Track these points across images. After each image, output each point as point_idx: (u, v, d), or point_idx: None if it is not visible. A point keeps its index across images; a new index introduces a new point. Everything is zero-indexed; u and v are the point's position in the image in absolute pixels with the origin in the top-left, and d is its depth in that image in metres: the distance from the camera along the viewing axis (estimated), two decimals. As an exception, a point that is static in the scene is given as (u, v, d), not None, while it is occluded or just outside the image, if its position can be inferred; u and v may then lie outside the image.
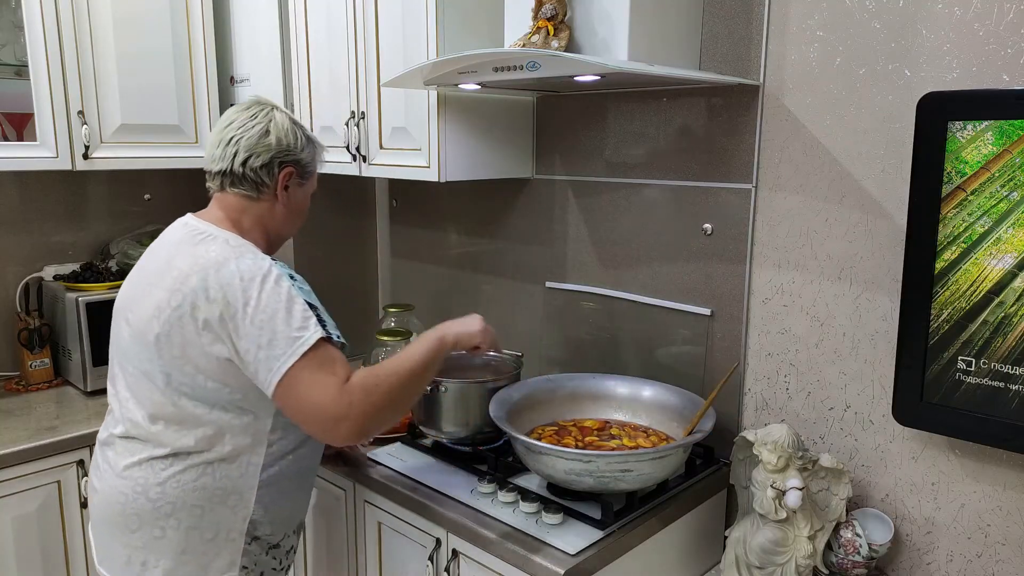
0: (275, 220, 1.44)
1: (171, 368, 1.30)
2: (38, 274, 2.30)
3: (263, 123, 1.39)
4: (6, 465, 1.79)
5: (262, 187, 1.40)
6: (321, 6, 2.03)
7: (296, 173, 1.43)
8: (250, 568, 1.39)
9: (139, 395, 1.36)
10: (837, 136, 1.51)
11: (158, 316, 1.30)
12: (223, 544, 1.36)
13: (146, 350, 1.32)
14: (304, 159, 1.44)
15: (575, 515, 1.44)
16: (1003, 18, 1.30)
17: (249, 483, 1.36)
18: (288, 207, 1.45)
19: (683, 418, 1.62)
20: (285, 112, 1.45)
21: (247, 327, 1.24)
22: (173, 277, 1.30)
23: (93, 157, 2.10)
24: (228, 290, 1.26)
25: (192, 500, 1.33)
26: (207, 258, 1.30)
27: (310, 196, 1.52)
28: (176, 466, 1.33)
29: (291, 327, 1.24)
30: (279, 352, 1.23)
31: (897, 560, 1.54)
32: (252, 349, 1.25)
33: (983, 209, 1.26)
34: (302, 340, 1.24)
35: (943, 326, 1.33)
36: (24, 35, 1.96)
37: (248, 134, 1.38)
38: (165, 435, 1.33)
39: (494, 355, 1.81)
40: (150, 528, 1.33)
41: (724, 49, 1.64)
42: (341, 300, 2.44)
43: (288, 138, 1.41)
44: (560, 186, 2.01)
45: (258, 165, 1.38)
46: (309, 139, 1.46)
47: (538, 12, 1.49)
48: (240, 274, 1.27)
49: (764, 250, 1.65)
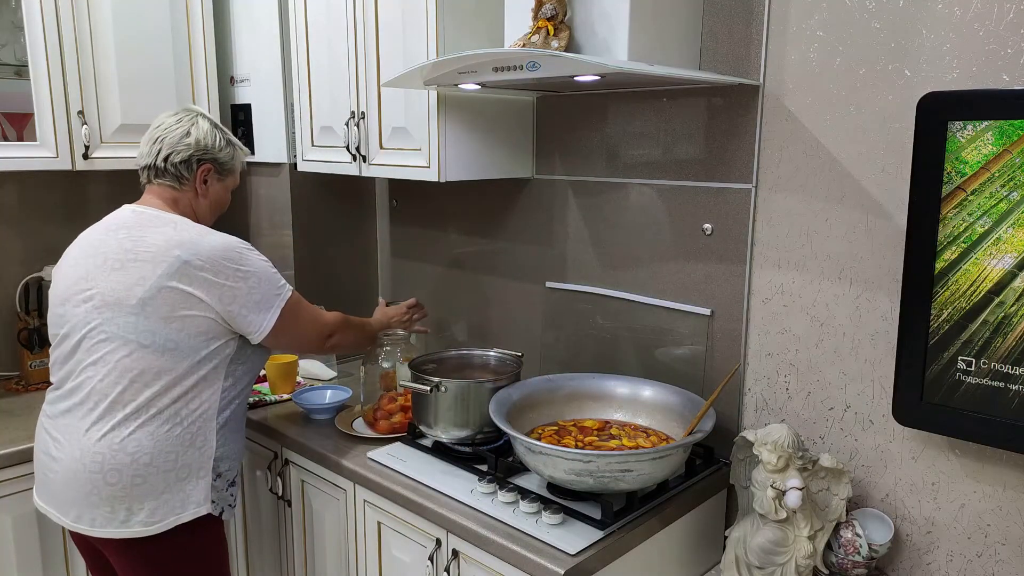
0: (200, 210, 1.67)
1: (155, 327, 1.48)
2: (38, 274, 2.30)
3: (186, 126, 1.62)
4: (6, 465, 1.79)
5: (183, 180, 1.63)
6: (321, 6, 2.03)
7: (214, 170, 1.66)
8: (217, 502, 1.57)
9: (107, 361, 1.49)
10: (837, 136, 1.51)
11: (142, 283, 1.47)
12: (195, 481, 1.54)
13: (122, 316, 1.48)
14: (222, 158, 1.67)
15: (575, 515, 1.44)
16: (1003, 18, 1.30)
17: (210, 425, 1.55)
18: (208, 199, 1.68)
19: (683, 418, 1.62)
20: (209, 119, 1.68)
21: (242, 289, 1.52)
22: (152, 252, 1.49)
23: (93, 157, 2.10)
24: (212, 260, 1.50)
25: (166, 447, 1.50)
26: (184, 236, 1.51)
27: (230, 191, 1.74)
28: (149, 420, 1.49)
29: (274, 284, 1.58)
30: (268, 305, 1.56)
31: (897, 560, 1.54)
32: (247, 307, 1.53)
33: (983, 209, 1.26)
34: (282, 294, 1.58)
35: (943, 326, 1.33)
36: (24, 35, 1.96)
37: (171, 135, 1.61)
38: (138, 393, 1.48)
39: (495, 354, 1.87)
40: (131, 478, 1.48)
41: (724, 49, 1.64)
42: (341, 300, 2.44)
43: (207, 139, 1.64)
44: (560, 186, 2.01)
45: (178, 160, 1.61)
46: (229, 142, 1.69)
47: (538, 12, 1.49)
48: (222, 247, 1.52)
49: (764, 250, 1.65)
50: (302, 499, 1.91)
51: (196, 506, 1.53)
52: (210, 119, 1.67)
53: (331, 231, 2.47)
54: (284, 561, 2.01)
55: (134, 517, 1.49)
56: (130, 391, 1.47)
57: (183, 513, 1.52)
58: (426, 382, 1.66)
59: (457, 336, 2.37)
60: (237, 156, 1.72)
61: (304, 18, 2.09)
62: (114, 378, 1.48)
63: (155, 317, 1.47)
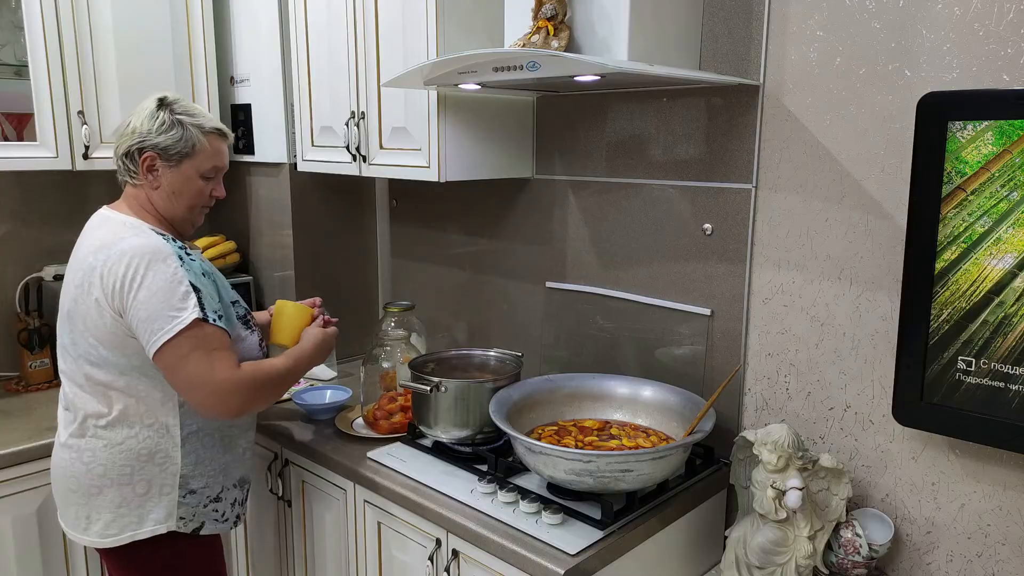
0: (158, 203, 1.52)
1: (79, 339, 1.44)
2: (38, 274, 2.30)
3: (131, 116, 1.51)
4: (6, 465, 1.79)
5: (132, 173, 1.51)
6: (321, 6, 2.03)
7: (159, 157, 1.49)
8: (188, 519, 1.51)
9: (66, 369, 1.50)
10: (837, 136, 1.51)
11: (67, 293, 1.47)
12: (157, 498, 1.49)
13: (63, 325, 1.48)
14: (163, 143, 1.48)
15: (575, 515, 1.44)
16: (1003, 18, 1.30)
17: (172, 441, 1.48)
18: (164, 190, 1.51)
19: (683, 418, 1.62)
20: (169, 100, 1.50)
21: (131, 302, 1.37)
22: (78, 258, 1.47)
23: (93, 157, 2.10)
24: (116, 267, 1.38)
25: (121, 461, 1.46)
26: (102, 239, 1.44)
27: (196, 179, 1.53)
28: (101, 431, 1.46)
29: (170, 305, 1.37)
30: (157, 327, 1.36)
31: (897, 560, 1.54)
32: (134, 323, 1.38)
33: (983, 209, 1.26)
34: (179, 320, 1.37)
35: (943, 326, 1.33)
36: (24, 35, 1.96)
37: (121, 128, 1.53)
38: (86, 403, 1.47)
39: (495, 354, 1.87)
40: (87, 488, 1.48)
41: (724, 49, 1.64)
42: (341, 300, 2.44)
43: (144, 125, 1.48)
44: (560, 186, 2.01)
45: (122, 153, 1.51)
46: (176, 123, 1.49)
47: (538, 12, 1.49)
48: (128, 252, 1.39)
49: (764, 250, 1.65)
50: (302, 499, 1.91)
51: (155, 524, 1.48)
52: (165, 100, 1.50)
53: (331, 231, 2.47)
54: (284, 561, 2.01)
55: (92, 527, 1.49)
56: (81, 399, 1.47)
57: (139, 530, 1.48)
58: (426, 382, 1.66)
59: (457, 336, 2.37)
60: (190, 137, 1.49)
61: (304, 18, 2.09)
62: (70, 386, 1.49)
63: (79, 328, 1.43)
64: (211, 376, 1.39)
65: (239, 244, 2.51)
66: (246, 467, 1.65)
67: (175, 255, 1.41)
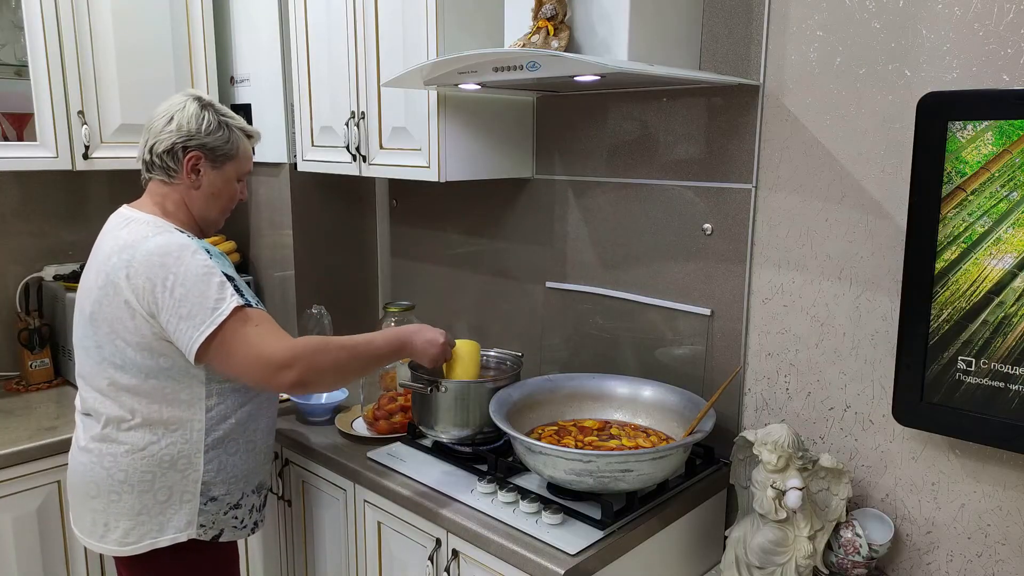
0: (195, 203, 1.51)
1: (103, 342, 1.40)
2: (38, 274, 2.30)
3: (171, 112, 1.47)
4: (6, 465, 1.79)
5: (171, 172, 1.48)
6: (321, 6, 2.03)
7: (204, 157, 1.49)
8: (208, 526, 1.49)
9: (87, 373, 1.46)
10: (837, 136, 1.51)
11: (89, 296, 1.42)
12: (178, 505, 1.45)
13: (85, 328, 1.44)
14: (211, 143, 1.48)
15: (575, 515, 1.44)
16: (1003, 18, 1.30)
17: (195, 448, 1.44)
18: (204, 190, 1.51)
19: (683, 418, 1.62)
20: (202, 100, 1.50)
21: (167, 300, 1.34)
22: (99, 260, 1.43)
23: (93, 157, 2.10)
24: (146, 267, 1.35)
25: (142, 467, 1.43)
26: (127, 239, 1.40)
27: (236, 180, 1.56)
28: (123, 436, 1.43)
29: (209, 297, 1.34)
30: (199, 321, 1.33)
31: (897, 560, 1.54)
32: (173, 321, 1.34)
33: (983, 209, 1.26)
34: (220, 310, 1.34)
35: (943, 326, 1.33)
36: (24, 35, 1.96)
37: (156, 124, 1.47)
38: (108, 408, 1.43)
39: (495, 354, 1.85)
40: (107, 494, 1.44)
41: (724, 49, 1.64)
42: (341, 300, 2.44)
43: (191, 124, 1.46)
44: (560, 186, 2.01)
45: (161, 151, 1.46)
46: (224, 124, 1.50)
47: (538, 12, 1.49)
48: (157, 250, 1.36)
49: (764, 250, 1.65)
50: (302, 499, 1.91)
51: (176, 532, 1.45)
52: (203, 101, 1.51)
53: (331, 231, 2.47)
54: (284, 561, 2.01)
55: (110, 534, 1.45)
56: (103, 404, 1.43)
57: (160, 538, 1.45)
58: (426, 382, 1.66)
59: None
60: (235, 140, 1.52)
61: (304, 18, 2.09)
62: (89, 391, 1.46)
63: (104, 331, 1.39)
64: (266, 346, 1.34)
65: (239, 244, 2.51)
66: (265, 471, 1.63)
67: (203, 248, 1.40)
